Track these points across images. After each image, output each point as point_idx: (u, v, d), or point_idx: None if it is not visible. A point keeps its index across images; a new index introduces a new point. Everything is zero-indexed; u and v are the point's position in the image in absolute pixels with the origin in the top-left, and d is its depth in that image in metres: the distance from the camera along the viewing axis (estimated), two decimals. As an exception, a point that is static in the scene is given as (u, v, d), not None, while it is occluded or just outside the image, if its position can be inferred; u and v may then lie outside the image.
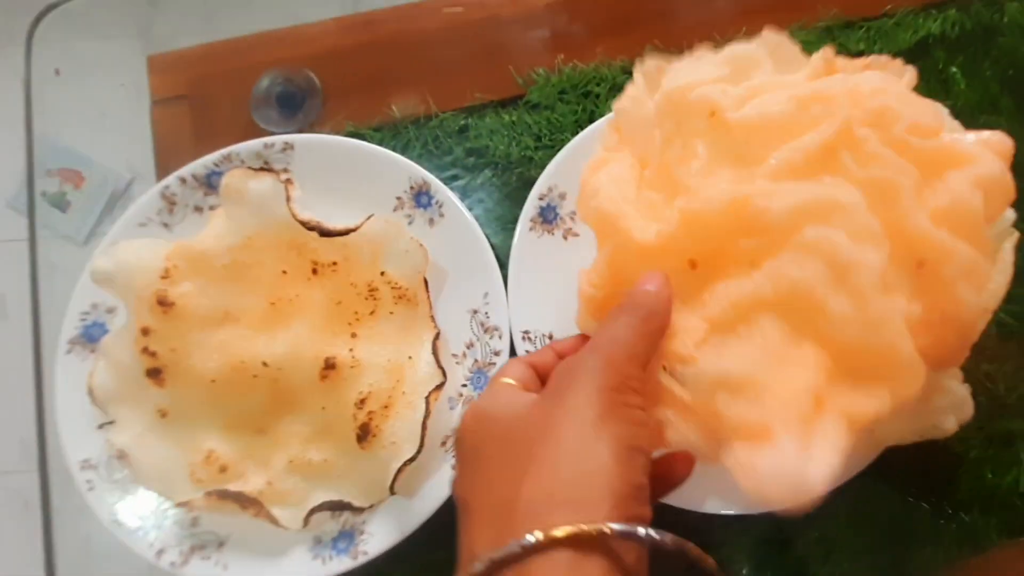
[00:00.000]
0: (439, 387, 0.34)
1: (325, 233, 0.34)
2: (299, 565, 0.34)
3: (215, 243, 0.34)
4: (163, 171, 0.41)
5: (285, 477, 0.34)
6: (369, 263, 0.35)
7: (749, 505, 0.32)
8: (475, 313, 0.37)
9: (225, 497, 0.33)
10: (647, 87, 0.29)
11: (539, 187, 0.38)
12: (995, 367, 0.39)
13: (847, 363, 0.22)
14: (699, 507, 0.32)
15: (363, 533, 0.34)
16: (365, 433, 0.33)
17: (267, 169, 0.35)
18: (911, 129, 0.23)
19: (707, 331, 0.23)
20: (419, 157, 0.41)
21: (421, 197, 0.38)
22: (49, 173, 0.92)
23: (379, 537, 0.34)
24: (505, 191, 0.41)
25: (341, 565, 0.33)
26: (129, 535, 0.34)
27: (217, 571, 0.34)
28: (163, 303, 0.33)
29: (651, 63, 0.28)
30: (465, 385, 0.36)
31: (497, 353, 0.36)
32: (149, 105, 0.45)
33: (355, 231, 0.34)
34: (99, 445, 0.35)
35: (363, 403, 0.33)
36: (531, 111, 0.42)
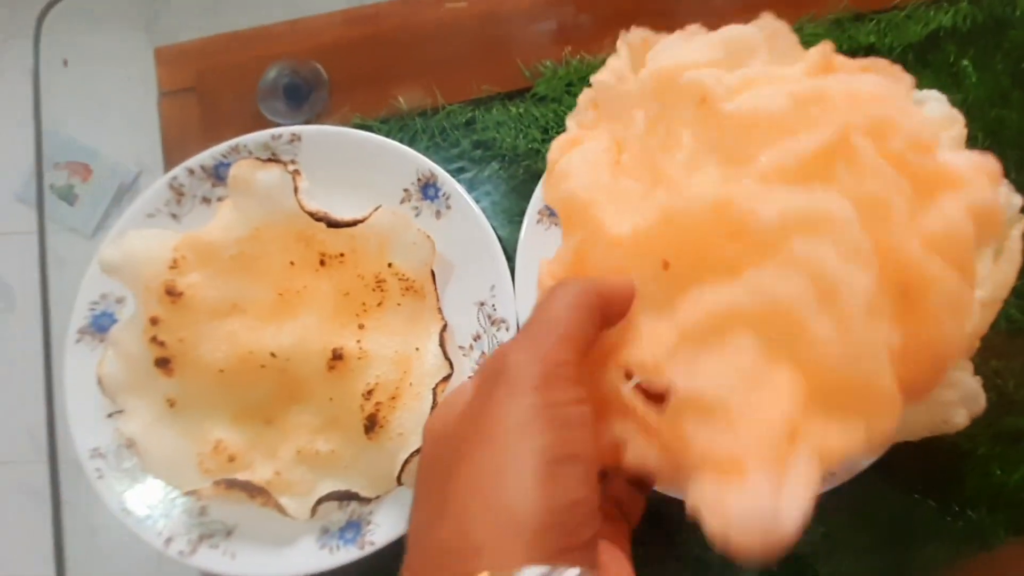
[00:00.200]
0: (446, 379, 0.34)
1: (332, 224, 0.34)
2: (306, 554, 0.34)
3: (223, 234, 0.34)
4: (170, 163, 0.41)
5: (293, 467, 0.34)
6: (376, 255, 0.35)
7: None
8: (482, 305, 0.37)
9: (233, 486, 0.33)
10: (631, 62, 0.26)
11: (546, 179, 0.37)
12: (1003, 364, 0.39)
13: (823, 391, 0.20)
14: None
15: (370, 523, 0.34)
16: (372, 424, 0.33)
17: (275, 160, 0.35)
18: (909, 144, 0.21)
19: (677, 341, 0.21)
20: (426, 149, 0.41)
21: (428, 189, 0.38)
22: (57, 166, 0.92)
23: (386, 527, 0.34)
24: (512, 183, 0.41)
25: (348, 555, 0.34)
26: (138, 523, 0.34)
27: (225, 560, 0.34)
28: (171, 293, 0.33)
29: (637, 34, 0.26)
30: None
31: (504, 345, 0.36)
32: (157, 97, 0.45)
33: (362, 222, 0.34)
34: (108, 434, 0.35)
35: (370, 394, 0.33)
36: (538, 103, 0.42)
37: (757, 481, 0.19)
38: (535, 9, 0.43)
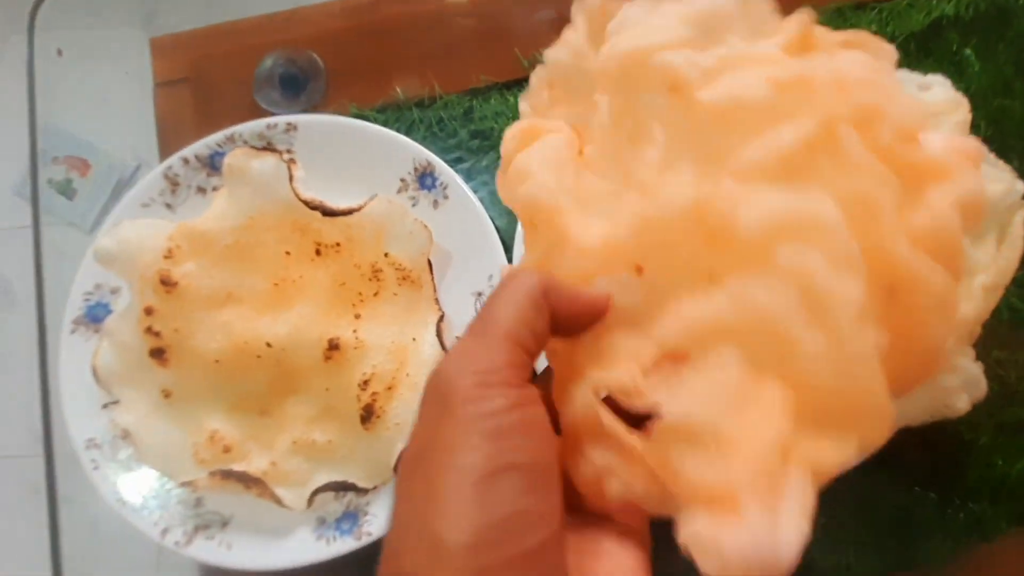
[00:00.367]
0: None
1: (328, 213, 0.34)
2: (303, 545, 0.34)
3: (218, 223, 0.34)
4: (166, 154, 0.41)
5: (289, 458, 0.34)
6: (373, 244, 0.35)
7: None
8: (480, 296, 0.37)
9: (228, 477, 0.33)
10: (589, 35, 0.23)
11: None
12: (1006, 354, 0.38)
13: (814, 405, 0.19)
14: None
15: (367, 514, 0.34)
16: (369, 414, 0.33)
17: (270, 149, 0.35)
18: (897, 133, 0.20)
19: (656, 358, 0.20)
20: (423, 139, 0.40)
21: (425, 179, 0.38)
22: (55, 161, 0.92)
23: (383, 518, 0.34)
24: (510, 174, 0.41)
25: (345, 546, 0.33)
26: (133, 514, 0.34)
27: (221, 551, 0.34)
28: (166, 283, 0.33)
29: (594, 0, 0.22)
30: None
31: (501, 336, 0.35)
32: (152, 89, 0.45)
33: (358, 211, 0.34)
34: (104, 425, 0.35)
35: (367, 384, 0.33)
36: (536, 93, 0.42)
37: (753, 515, 0.17)
38: (533, -2, 0.43)
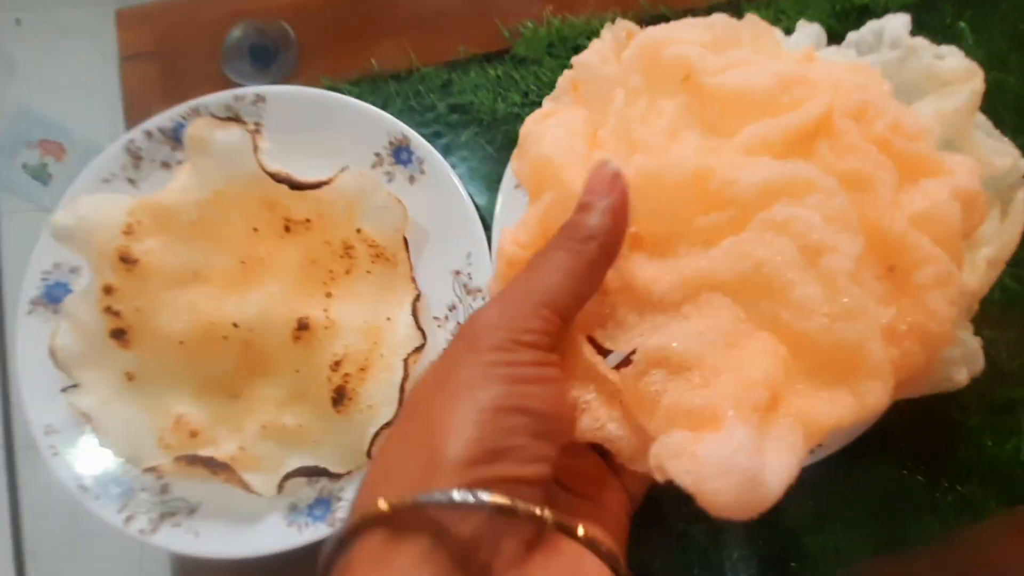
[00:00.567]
0: (418, 349, 0.33)
1: (296, 186, 0.32)
2: (274, 532, 0.33)
3: (181, 197, 0.33)
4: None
5: (258, 442, 0.33)
6: (344, 220, 0.34)
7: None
8: (458, 274, 0.35)
9: (195, 462, 0.31)
10: (614, 47, 0.26)
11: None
12: (997, 333, 0.38)
13: (808, 361, 0.19)
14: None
15: (340, 500, 0.33)
16: (341, 396, 0.32)
17: (234, 119, 0.33)
18: (892, 128, 0.21)
19: (649, 308, 0.20)
20: (400, 113, 0.39)
21: (401, 153, 0.36)
22: (30, 145, 0.90)
23: (357, 504, 0.33)
24: (490, 149, 0.40)
25: (317, 532, 0.32)
26: (95, 501, 0.33)
27: (189, 538, 0.32)
28: (126, 260, 0.32)
29: (622, 25, 0.26)
30: None
31: (480, 315, 0.34)
32: (117, 63, 0.43)
33: (327, 184, 0.33)
34: (64, 409, 0.33)
35: (338, 365, 0.32)
36: (518, 66, 0.40)
37: (736, 430, 0.17)
38: (515, -33, 0.41)
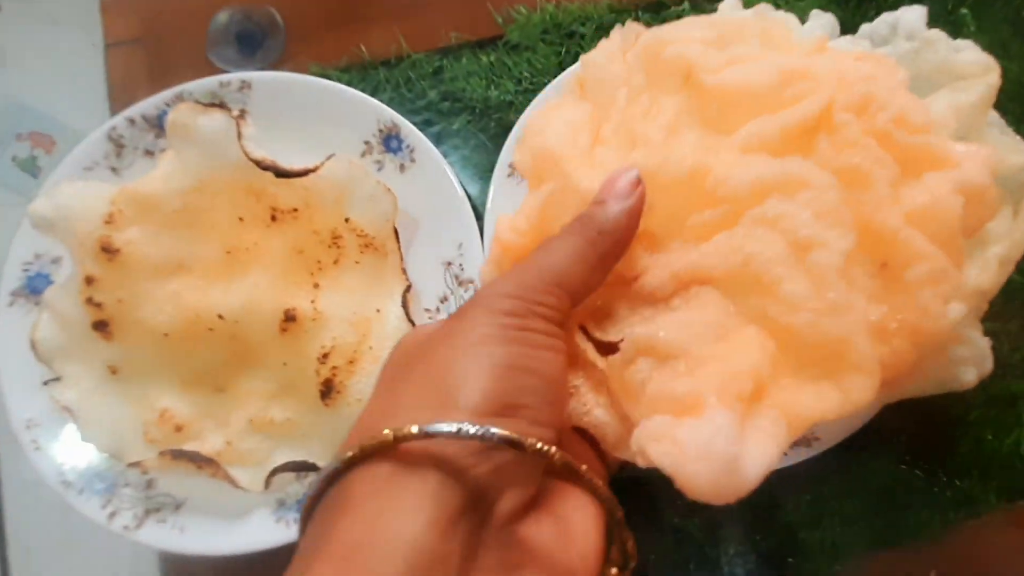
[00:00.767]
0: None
1: (281, 174, 0.31)
2: (261, 528, 0.32)
3: (164, 186, 0.32)
4: (117, 118, 0.38)
5: (245, 436, 0.32)
6: (332, 209, 0.33)
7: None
8: (449, 265, 0.35)
9: (180, 457, 0.31)
10: (622, 47, 0.26)
11: (518, 132, 0.35)
12: (999, 326, 0.37)
13: (795, 355, 0.19)
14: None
15: (329, 496, 0.32)
16: (329, 389, 0.31)
17: (218, 105, 0.32)
18: (896, 121, 0.21)
19: (639, 301, 0.21)
20: (390, 101, 0.38)
21: (391, 141, 0.35)
22: (19, 137, 0.88)
23: (346, 499, 0.32)
24: (482, 137, 0.39)
25: (306, 529, 0.32)
26: (78, 497, 0.32)
27: (174, 535, 0.32)
28: (107, 250, 0.31)
29: (631, 27, 0.26)
30: None
31: (472, 307, 0.33)
32: (103, 50, 0.42)
33: (314, 172, 0.32)
34: (46, 403, 0.33)
35: (326, 358, 0.31)
36: (511, 52, 0.40)
37: (717, 415, 0.17)
38: (508, -49, 0.40)
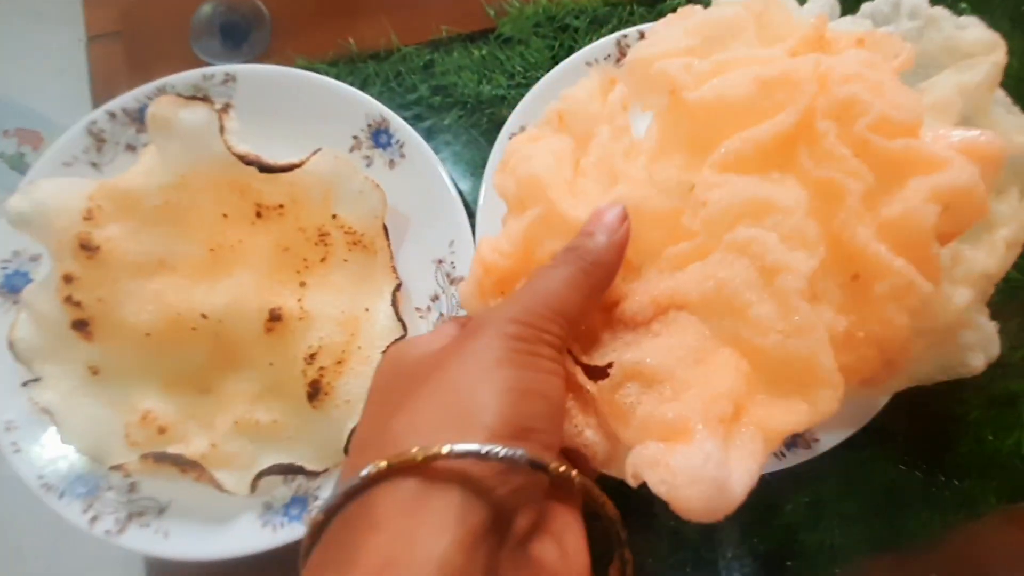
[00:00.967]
0: (398, 341, 0.31)
1: (266, 169, 0.31)
2: (247, 533, 0.31)
3: (144, 181, 0.31)
4: (99, 112, 0.37)
5: (230, 439, 0.31)
6: (319, 205, 0.32)
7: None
8: (440, 263, 0.34)
9: (163, 460, 0.30)
10: (599, 89, 0.27)
11: (510, 127, 0.35)
12: (999, 324, 0.37)
13: (766, 373, 0.21)
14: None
15: (318, 499, 0.32)
16: (316, 391, 0.30)
17: (201, 98, 0.31)
18: (878, 125, 0.21)
19: (622, 326, 0.22)
20: (379, 95, 0.37)
21: (380, 136, 0.34)
22: (6, 134, 0.87)
23: (334, 503, 0.31)
24: (474, 133, 0.38)
25: (293, 532, 0.31)
26: (59, 500, 0.31)
27: (157, 539, 0.31)
28: (87, 247, 0.30)
29: (609, 71, 0.27)
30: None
31: (463, 306, 0.33)
32: (84, 43, 0.41)
33: (300, 167, 0.31)
34: (25, 404, 0.32)
35: (313, 358, 0.30)
36: (503, 46, 0.39)
37: (705, 441, 0.19)
38: (500, -58, 0.40)
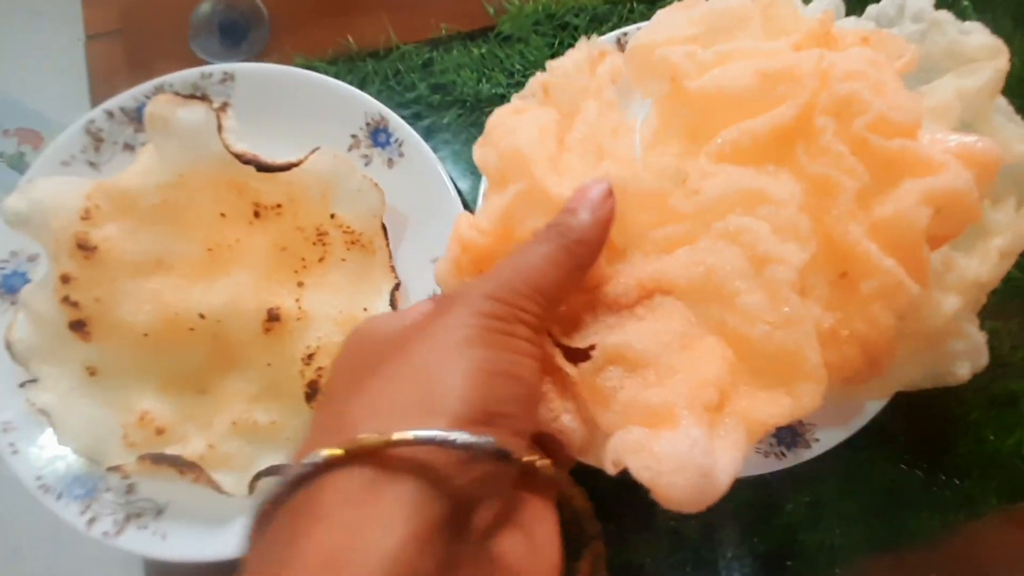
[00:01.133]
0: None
1: (264, 168, 0.30)
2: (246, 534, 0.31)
3: (142, 180, 0.31)
4: (98, 111, 0.37)
5: (228, 440, 0.31)
6: (317, 205, 0.32)
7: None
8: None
9: (160, 461, 0.30)
10: (588, 61, 0.26)
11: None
12: (999, 324, 0.37)
13: (751, 363, 0.20)
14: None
15: (316, 500, 0.31)
16: (315, 391, 0.30)
17: (199, 97, 0.31)
18: (876, 124, 0.21)
19: (604, 310, 0.21)
20: (378, 94, 0.37)
21: (378, 135, 0.34)
22: (6, 133, 0.87)
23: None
24: (473, 131, 0.38)
25: (291, 534, 0.31)
26: (57, 502, 0.31)
27: (155, 541, 0.31)
28: (84, 247, 0.30)
29: (596, 45, 0.26)
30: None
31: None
32: (83, 42, 0.41)
33: (298, 166, 0.31)
34: (23, 405, 0.32)
35: (311, 358, 0.30)
36: (502, 44, 0.39)
37: (691, 427, 0.18)
38: (500, -60, 0.39)
